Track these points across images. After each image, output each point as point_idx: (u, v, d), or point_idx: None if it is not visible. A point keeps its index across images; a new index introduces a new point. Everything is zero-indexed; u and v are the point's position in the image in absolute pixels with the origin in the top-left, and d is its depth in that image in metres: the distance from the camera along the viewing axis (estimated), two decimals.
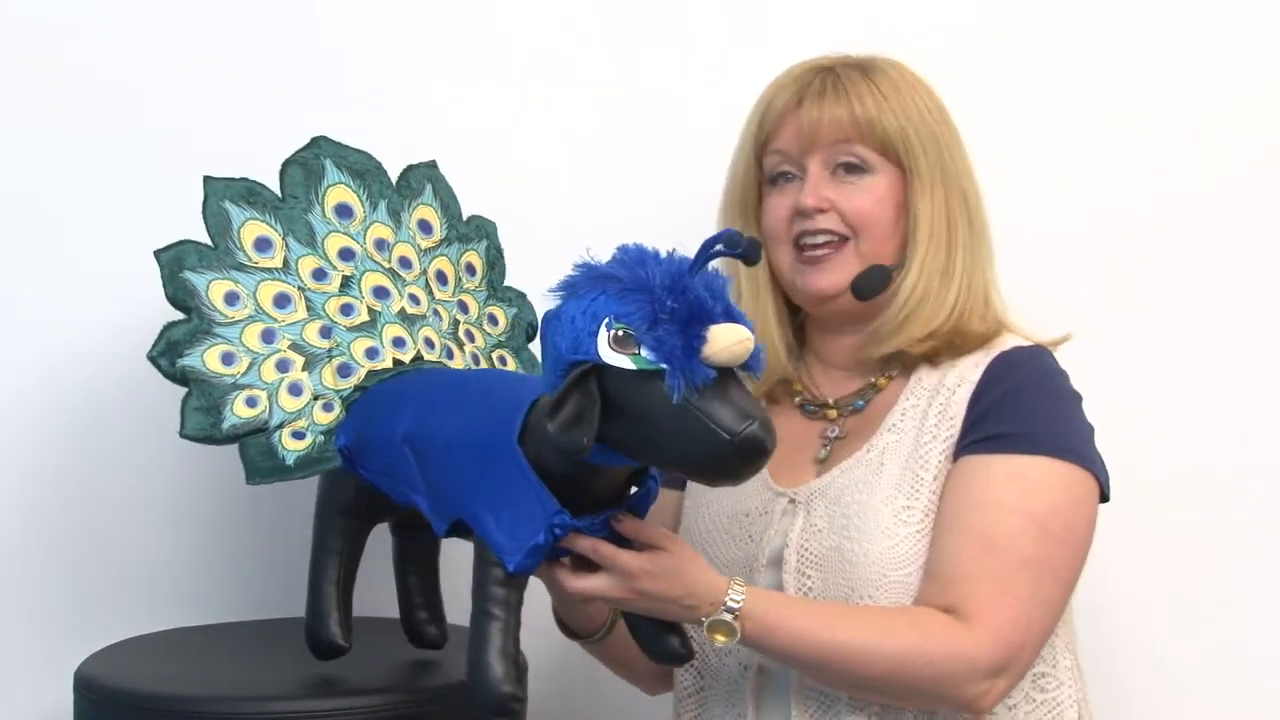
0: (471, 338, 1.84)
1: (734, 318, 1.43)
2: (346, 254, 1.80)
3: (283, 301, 1.76)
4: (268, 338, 1.74)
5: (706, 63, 2.22)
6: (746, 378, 1.45)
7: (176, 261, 1.74)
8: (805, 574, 1.73)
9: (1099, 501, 1.74)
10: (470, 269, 1.88)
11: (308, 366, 1.74)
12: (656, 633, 1.64)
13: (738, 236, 1.44)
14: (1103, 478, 1.74)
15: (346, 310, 1.77)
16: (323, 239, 1.80)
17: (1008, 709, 1.73)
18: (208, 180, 1.77)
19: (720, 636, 1.60)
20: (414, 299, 1.80)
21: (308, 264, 1.78)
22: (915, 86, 1.82)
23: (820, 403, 1.85)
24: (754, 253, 1.45)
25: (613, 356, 1.42)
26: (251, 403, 1.71)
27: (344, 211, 1.81)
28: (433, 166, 1.89)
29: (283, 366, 1.73)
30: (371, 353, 1.75)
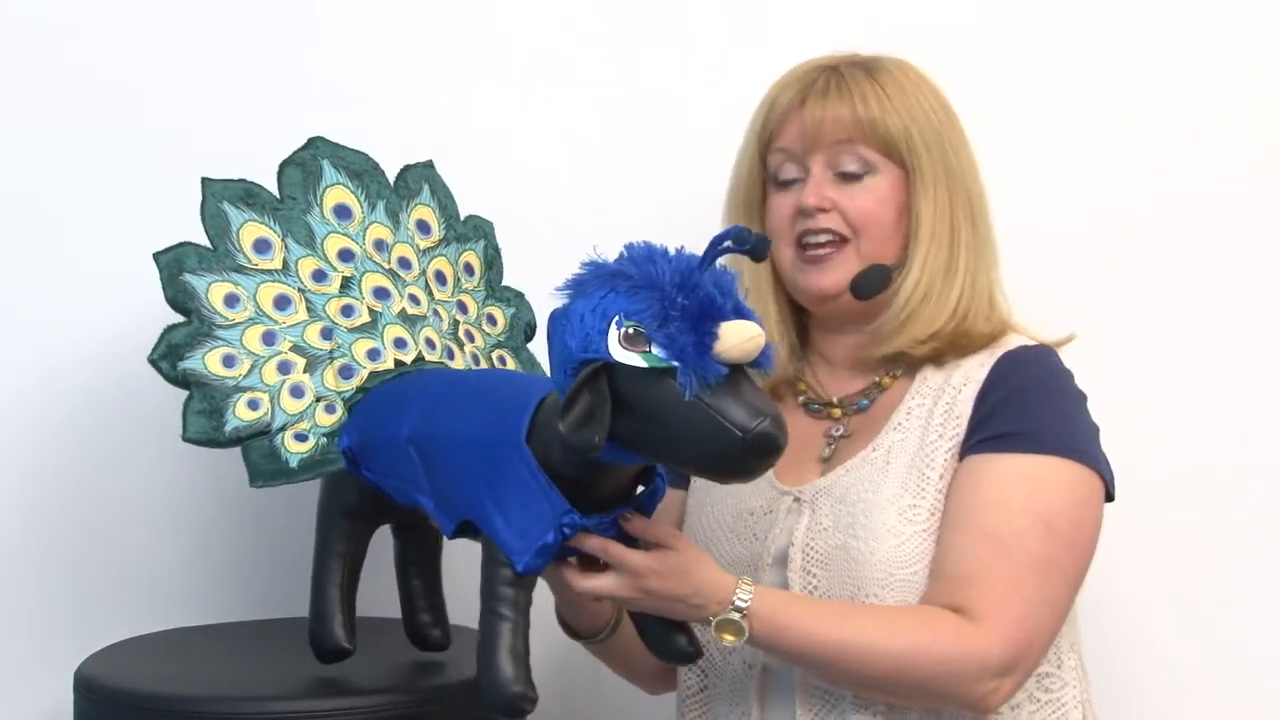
0: (471, 338, 1.83)
1: (744, 314, 1.43)
2: (346, 255, 1.79)
3: (283, 303, 1.75)
4: (269, 340, 1.73)
5: (706, 63, 2.21)
6: (755, 374, 1.45)
7: (176, 264, 1.73)
8: (810, 573, 1.73)
9: (1104, 501, 1.74)
10: (469, 269, 1.87)
11: (309, 368, 1.73)
12: (664, 632, 1.63)
13: (746, 233, 1.43)
14: (1108, 477, 1.74)
15: (347, 311, 1.76)
16: (322, 240, 1.79)
17: (1012, 709, 1.72)
18: (206, 182, 1.77)
19: (728, 636, 1.60)
20: (414, 299, 1.79)
21: (307, 265, 1.77)
22: (920, 86, 1.81)
23: (825, 402, 1.84)
24: (762, 249, 1.44)
25: (623, 354, 1.42)
26: (253, 405, 1.70)
27: (342, 212, 1.81)
28: (429, 167, 1.88)
29: (284, 368, 1.72)
30: (373, 354, 1.74)
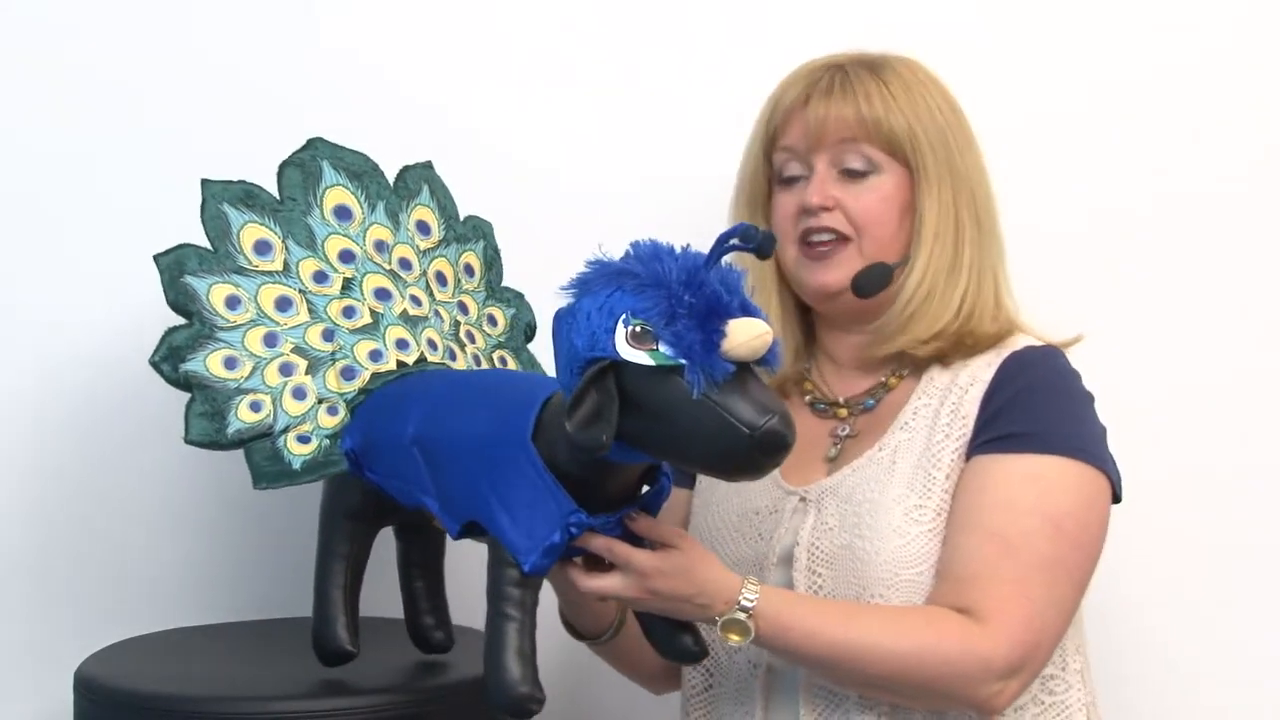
0: (472, 339, 1.82)
1: (750, 312, 1.42)
2: (347, 256, 1.78)
3: (284, 305, 1.74)
4: (270, 341, 1.73)
5: (706, 62, 2.21)
6: (763, 372, 1.44)
7: (177, 265, 1.72)
8: (816, 572, 1.72)
9: (1111, 502, 1.74)
10: (469, 270, 1.86)
11: (311, 370, 1.72)
12: (670, 631, 1.63)
13: (752, 230, 1.43)
14: (1115, 478, 1.73)
15: (348, 313, 1.76)
16: (322, 241, 1.78)
17: (1015, 712, 1.71)
18: (206, 183, 1.76)
19: (734, 636, 1.59)
20: (415, 300, 1.79)
21: (308, 266, 1.77)
22: (927, 85, 1.80)
23: (831, 401, 1.84)
24: (768, 247, 1.44)
25: (630, 353, 1.41)
26: (255, 407, 1.69)
27: (343, 213, 1.80)
28: (428, 167, 1.88)
29: (286, 370, 1.72)
30: (375, 355, 1.74)
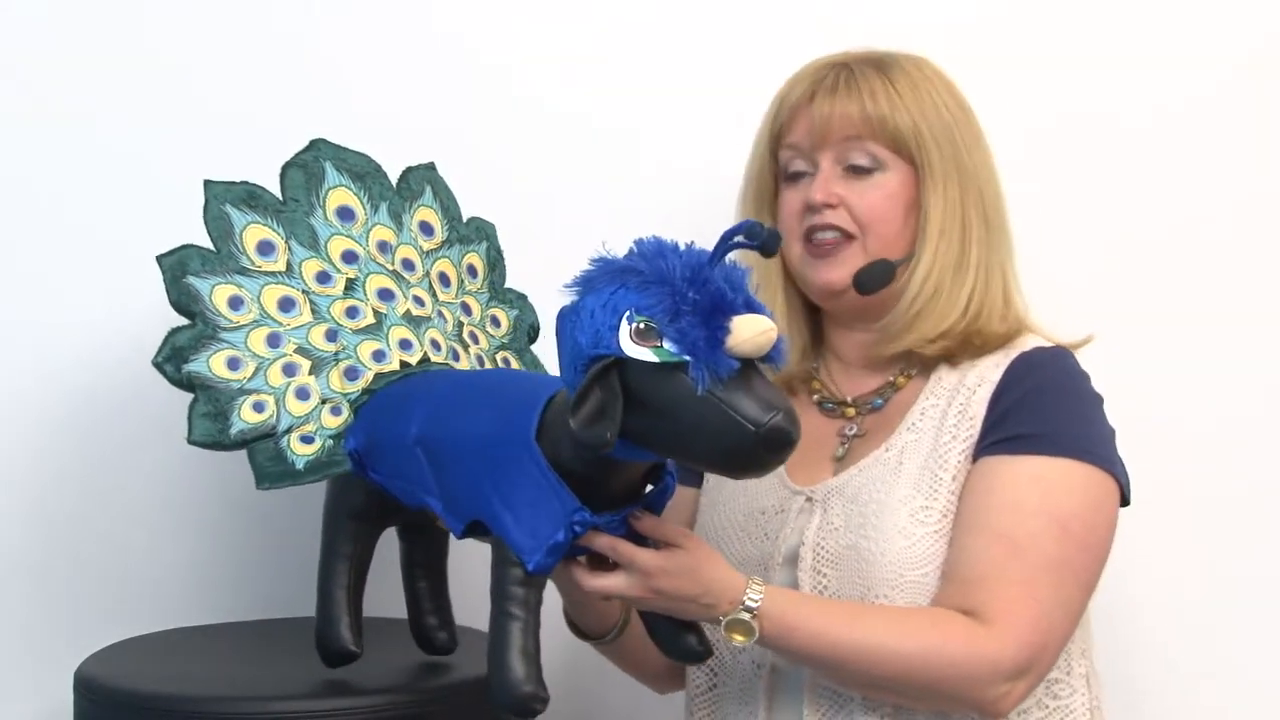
0: (476, 339, 1.82)
1: (755, 308, 1.42)
2: (349, 256, 1.78)
3: (287, 305, 1.74)
4: (273, 342, 1.72)
5: (708, 64, 2.21)
6: (767, 369, 1.44)
7: (179, 266, 1.72)
8: (821, 572, 1.72)
9: (1120, 505, 1.73)
10: (472, 271, 1.86)
11: (314, 370, 1.72)
12: (674, 631, 1.62)
13: (757, 228, 1.43)
14: (1124, 481, 1.73)
15: (352, 313, 1.75)
16: (325, 242, 1.78)
17: (1019, 715, 1.71)
18: (208, 184, 1.76)
19: (738, 636, 1.59)
20: (418, 301, 1.79)
21: (311, 267, 1.76)
22: (934, 83, 1.80)
23: (839, 400, 1.84)
24: (773, 244, 1.44)
25: (634, 350, 1.41)
26: (259, 408, 1.69)
27: (345, 214, 1.80)
28: (431, 168, 1.87)
29: (289, 370, 1.71)
30: (378, 355, 1.74)
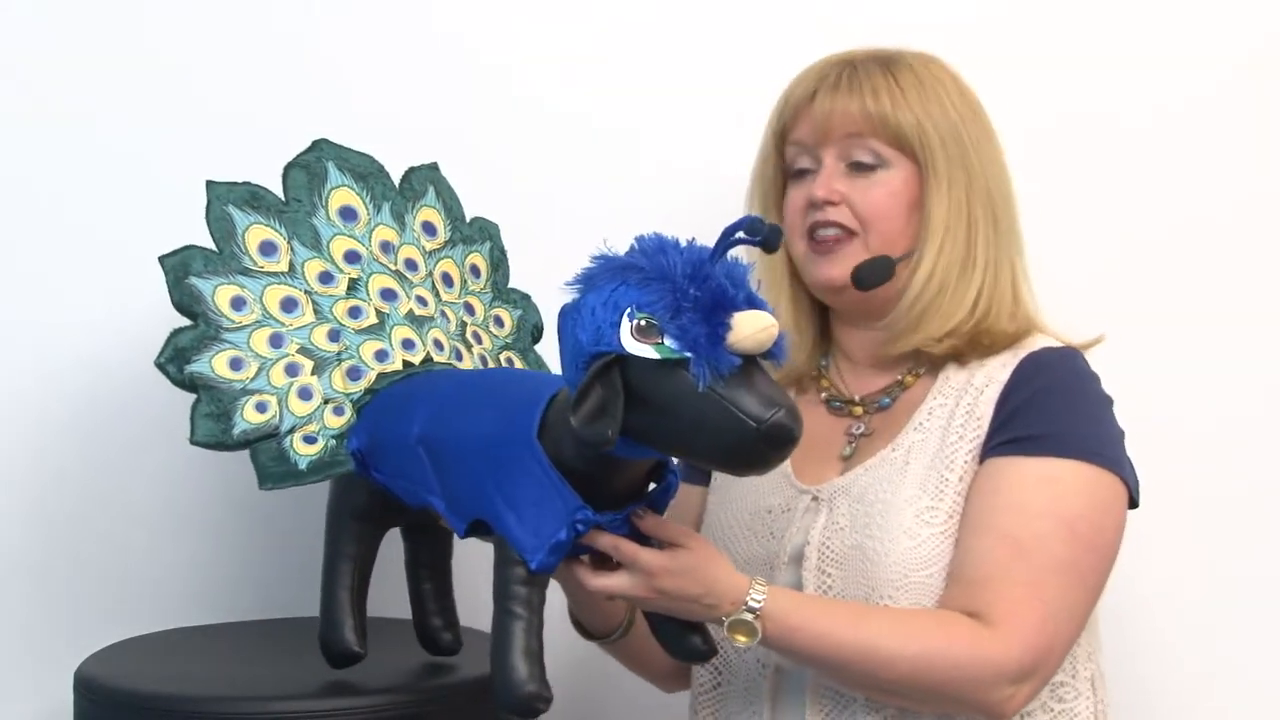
0: (479, 339, 1.82)
1: (756, 305, 1.42)
2: (352, 257, 1.78)
3: (290, 305, 1.74)
4: (276, 342, 1.72)
5: (708, 64, 2.20)
6: (769, 366, 1.44)
7: (182, 267, 1.72)
8: (825, 572, 1.71)
9: (1128, 507, 1.72)
10: (475, 271, 1.86)
11: (317, 370, 1.72)
12: (678, 630, 1.62)
13: (759, 224, 1.42)
14: (1132, 483, 1.72)
15: (354, 313, 1.75)
16: (328, 242, 1.78)
17: (1024, 718, 1.70)
18: (210, 185, 1.76)
19: (741, 637, 1.58)
20: (421, 301, 1.78)
21: (314, 267, 1.76)
22: (941, 81, 1.78)
23: (846, 399, 1.83)
24: (775, 240, 1.43)
25: (636, 346, 1.41)
26: (261, 408, 1.69)
27: (348, 214, 1.80)
28: (434, 168, 1.87)
29: (292, 371, 1.71)
30: (381, 355, 1.73)
